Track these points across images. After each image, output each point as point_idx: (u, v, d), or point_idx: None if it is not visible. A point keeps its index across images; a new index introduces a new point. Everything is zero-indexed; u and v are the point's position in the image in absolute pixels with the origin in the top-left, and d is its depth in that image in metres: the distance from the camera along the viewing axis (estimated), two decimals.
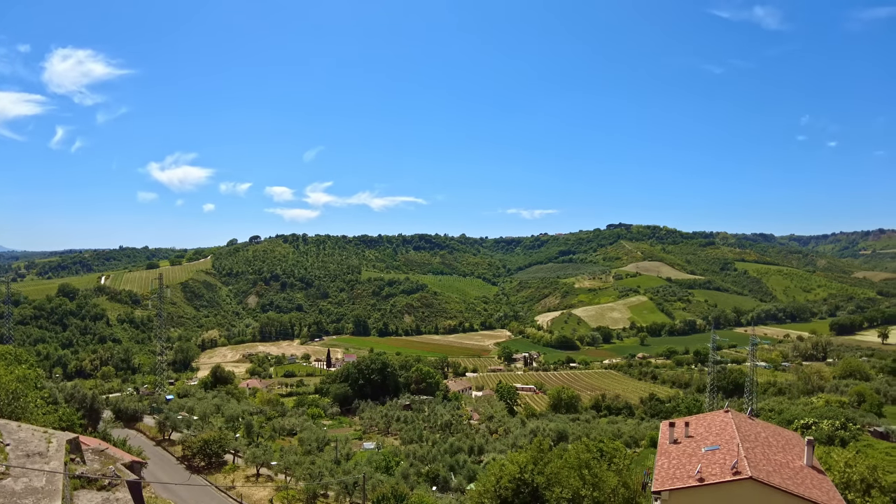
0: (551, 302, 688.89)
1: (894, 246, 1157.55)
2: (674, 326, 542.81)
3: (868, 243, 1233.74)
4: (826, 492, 41.99)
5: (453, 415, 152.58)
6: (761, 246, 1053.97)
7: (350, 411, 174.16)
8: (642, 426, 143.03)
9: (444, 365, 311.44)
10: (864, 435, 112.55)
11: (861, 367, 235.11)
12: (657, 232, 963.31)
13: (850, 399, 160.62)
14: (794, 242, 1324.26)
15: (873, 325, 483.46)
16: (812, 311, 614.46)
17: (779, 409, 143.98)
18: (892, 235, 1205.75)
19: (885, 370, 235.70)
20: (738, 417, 54.71)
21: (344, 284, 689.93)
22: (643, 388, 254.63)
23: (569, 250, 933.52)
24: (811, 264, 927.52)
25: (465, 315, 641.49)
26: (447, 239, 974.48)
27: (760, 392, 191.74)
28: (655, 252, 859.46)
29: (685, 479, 41.31)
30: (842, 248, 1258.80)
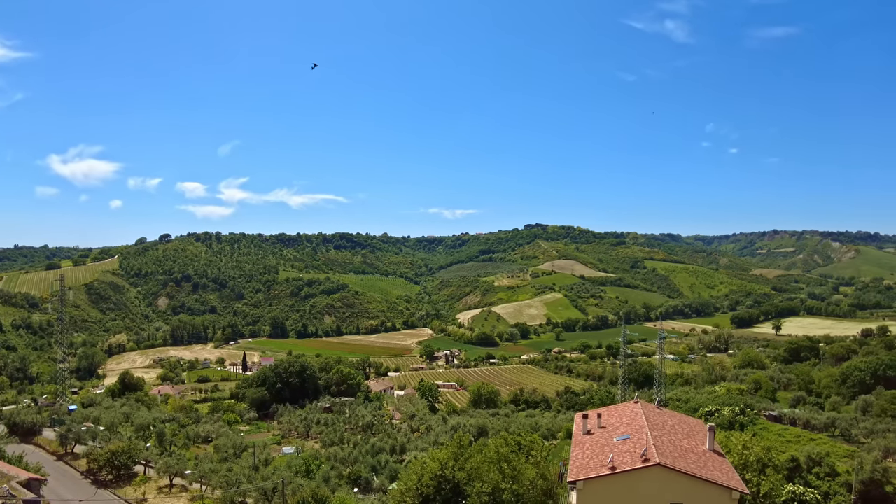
0: (472, 300, 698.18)
1: (786, 245, 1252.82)
2: (587, 322, 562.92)
3: (764, 243, 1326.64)
4: (725, 473, 45.24)
5: (375, 415, 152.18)
6: (669, 245, 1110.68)
7: (268, 416, 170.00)
8: (559, 418, 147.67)
9: (365, 365, 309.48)
10: (760, 419, 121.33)
11: (758, 357, 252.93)
12: (571, 232, 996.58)
13: (749, 386, 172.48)
14: (699, 242, 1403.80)
15: (768, 318, 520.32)
16: (715, 306, 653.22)
17: (685, 399, 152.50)
18: (785, 236, 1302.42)
19: (778, 359, 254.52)
20: (647, 408, 57.78)
21: (260, 285, 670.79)
22: (559, 382, 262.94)
23: (489, 249, 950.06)
24: (714, 263, 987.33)
25: (387, 315, 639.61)
26: (369, 238, 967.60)
27: (669, 383, 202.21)
28: (570, 251, 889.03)
29: (599, 468, 43.31)
30: (741, 247, 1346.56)
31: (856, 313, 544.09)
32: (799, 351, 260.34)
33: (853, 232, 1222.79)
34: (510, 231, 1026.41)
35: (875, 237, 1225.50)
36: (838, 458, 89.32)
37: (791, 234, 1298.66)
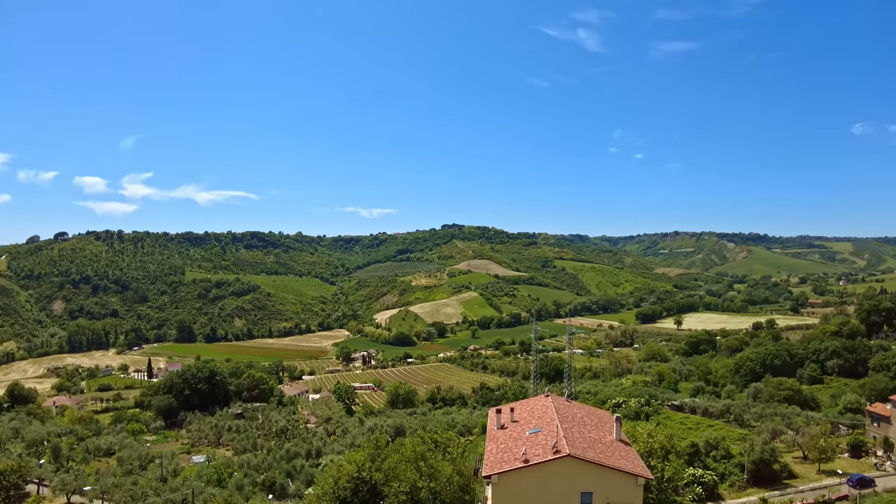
0: (389, 300, 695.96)
1: (686, 246, 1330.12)
2: (501, 319, 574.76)
3: (666, 243, 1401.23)
4: (631, 461, 47.72)
5: (289, 420, 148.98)
6: (577, 246, 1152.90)
7: (176, 424, 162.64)
8: (475, 414, 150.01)
9: (278, 369, 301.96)
10: (663, 408, 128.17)
11: (661, 351, 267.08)
12: (486, 232, 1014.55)
13: (653, 378, 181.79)
14: (606, 242, 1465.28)
15: (670, 313, 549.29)
16: (621, 302, 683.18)
17: (594, 391, 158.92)
18: (685, 237, 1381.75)
19: (679, 352, 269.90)
20: (558, 401, 59.95)
21: (166, 286, 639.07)
22: (475, 379, 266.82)
23: (406, 249, 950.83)
24: (620, 262, 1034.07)
25: (301, 316, 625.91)
26: (282, 237, 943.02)
27: (578, 376, 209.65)
28: (485, 251, 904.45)
29: (512, 461, 44.56)
30: (645, 247, 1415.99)
31: (748, 308, 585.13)
32: (698, 344, 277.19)
33: (745, 233, 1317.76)
34: (428, 231, 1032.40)
35: (764, 238, 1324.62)
36: (733, 441, 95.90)
37: (691, 235, 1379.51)
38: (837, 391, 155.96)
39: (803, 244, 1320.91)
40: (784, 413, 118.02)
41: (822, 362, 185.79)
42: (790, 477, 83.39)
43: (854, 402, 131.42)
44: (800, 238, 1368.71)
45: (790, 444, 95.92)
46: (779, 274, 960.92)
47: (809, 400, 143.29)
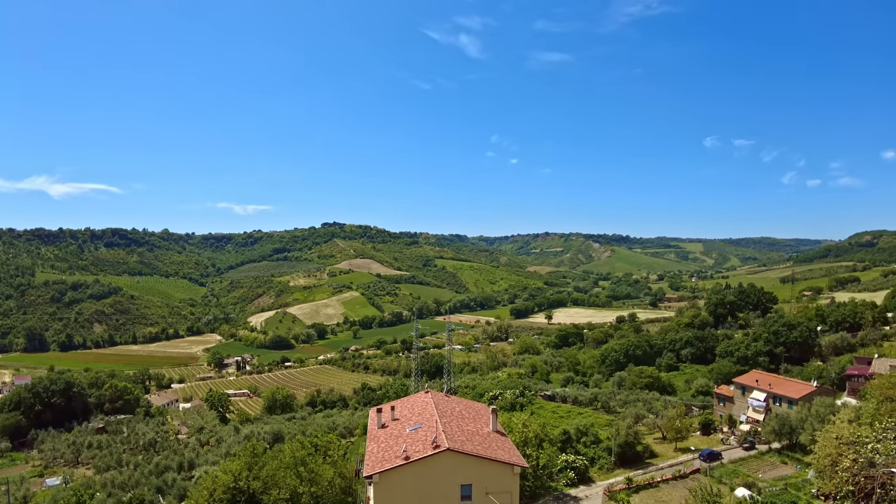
0: (265, 301, 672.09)
1: (556, 246, 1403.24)
2: (383, 319, 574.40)
3: (538, 243, 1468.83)
4: (508, 450, 49.65)
5: (158, 431, 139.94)
6: (457, 245, 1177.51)
7: (25, 445, 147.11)
8: (356, 415, 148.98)
9: (145, 378, 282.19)
10: (537, 399, 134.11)
11: (533, 344, 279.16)
12: (368, 231, 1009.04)
13: (526, 370, 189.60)
14: (483, 242, 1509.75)
15: (542, 309, 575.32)
16: (497, 299, 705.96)
17: (473, 385, 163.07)
18: (555, 237, 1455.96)
19: (550, 345, 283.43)
20: (437, 396, 61.09)
21: (12, 290, 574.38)
22: (356, 379, 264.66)
23: (284, 248, 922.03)
24: (496, 261, 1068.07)
25: (168, 320, 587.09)
26: (147, 235, 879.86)
27: (457, 371, 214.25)
28: (367, 250, 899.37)
29: (393, 459, 44.87)
30: (519, 247, 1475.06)
31: (612, 303, 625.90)
32: (567, 337, 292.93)
33: (610, 234, 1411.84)
34: (307, 229, 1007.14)
35: (626, 239, 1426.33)
36: (601, 426, 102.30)
37: (560, 235, 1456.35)
38: (690, 377, 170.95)
39: (661, 244, 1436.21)
40: (645, 399, 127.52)
41: (678, 351, 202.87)
42: (652, 456, 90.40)
43: (704, 386, 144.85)
44: (658, 239, 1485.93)
45: (651, 426, 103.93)
46: (639, 271, 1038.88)
47: (667, 385, 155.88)
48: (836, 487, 57.41)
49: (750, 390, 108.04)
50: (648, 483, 75.35)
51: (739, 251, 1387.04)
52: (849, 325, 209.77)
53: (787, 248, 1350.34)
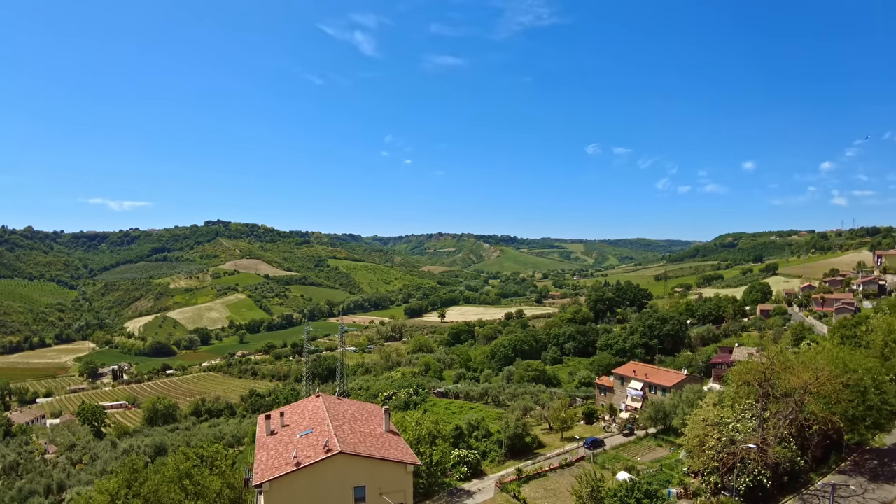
0: (144, 305, 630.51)
1: (449, 246, 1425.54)
2: (272, 322, 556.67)
3: (431, 243, 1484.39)
4: (401, 450, 49.88)
5: (21, 452, 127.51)
6: (350, 245, 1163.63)
7: None
8: (244, 423, 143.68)
9: (4, 393, 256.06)
10: (430, 396, 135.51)
11: (427, 343, 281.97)
12: (256, 230, 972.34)
13: (420, 369, 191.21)
14: (377, 242, 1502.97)
15: (435, 308, 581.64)
16: (391, 299, 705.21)
17: (366, 386, 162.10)
18: (448, 238, 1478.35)
19: (443, 343, 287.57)
20: (329, 400, 60.25)
21: None
22: (244, 386, 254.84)
23: (164, 248, 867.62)
24: (390, 261, 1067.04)
25: (33, 328, 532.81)
26: (7, 233, 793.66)
27: (351, 373, 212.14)
28: (254, 250, 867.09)
29: (284, 466, 43.78)
30: (413, 247, 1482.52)
31: (501, 301, 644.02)
32: (459, 334, 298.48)
33: (499, 235, 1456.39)
34: (189, 227, 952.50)
35: (514, 240, 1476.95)
36: (491, 420, 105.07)
37: (453, 236, 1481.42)
38: (574, 369, 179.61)
39: (545, 245, 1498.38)
40: (533, 391, 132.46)
41: (562, 345, 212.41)
42: (540, 447, 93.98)
43: (586, 378, 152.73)
44: (543, 240, 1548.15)
45: (539, 417, 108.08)
46: (526, 270, 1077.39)
47: (552, 378, 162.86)
48: (704, 465, 62.69)
49: (628, 380, 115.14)
50: (537, 473, 78.36)
51: (617, 251, 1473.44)
52: (714, 318, 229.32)
53: (660, 248, 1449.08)
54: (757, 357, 74.73)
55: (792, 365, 67.51)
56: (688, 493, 65.66)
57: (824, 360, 69.48)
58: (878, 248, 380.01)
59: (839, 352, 75.44)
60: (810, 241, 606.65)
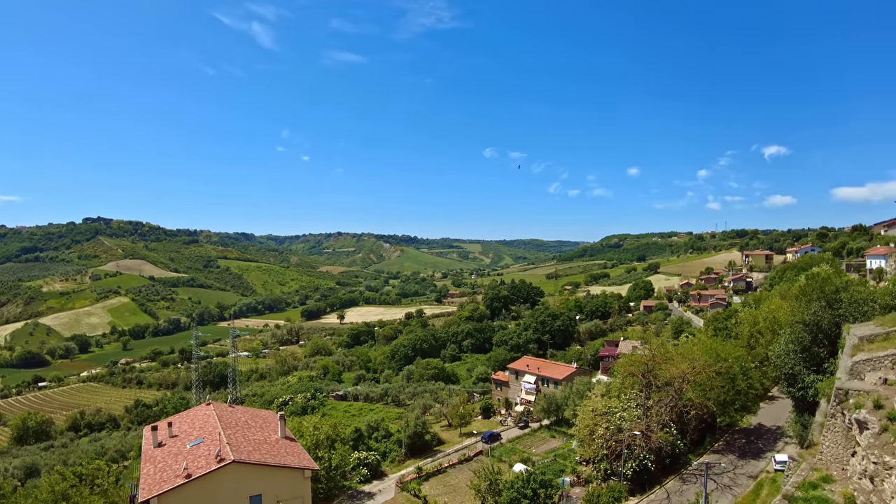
0: (12, 311, 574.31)
1: (348, 246, 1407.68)
2: (158, 327, 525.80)
3: (330, 243, 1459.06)
4: (298, 455, 48.86)
5: None
6: (243, 244, 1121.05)
7: None
8: (129, 436, 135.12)
9: None
10: (329, 400, 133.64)
11: (326, 345, 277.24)
12: (140, 228, 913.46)
13: (318, 372, 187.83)
14: (272, 241, 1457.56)
15: (334, 309, 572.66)
16: (287, 301, 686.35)
17: (261, 393, 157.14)
18: (347, 237, 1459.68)
19: (342, 344, 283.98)
20: (220, 408, 57.95)
21: None
22: (128, 396, 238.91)
23: (35, 247, 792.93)
24: (286, 261, 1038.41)
25: None
26: None
27: (244, 379, 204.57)
28: (138, 250, 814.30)
29: (173, 479, 41.64)
30: (310, 247, 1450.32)
31: (401, 301, 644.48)
32: (359, 335, 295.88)
33: (399, 235, 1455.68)
34: (65, 225, 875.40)
35: (414, 240, 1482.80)
36: (391, 420, 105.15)
37: (352, 235, 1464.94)
38: (472, 365, 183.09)
39: (445, 245, 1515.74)
40: (432, 389, 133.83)
41: (460, 342, 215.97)
42: (440, 444, 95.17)
43: (484, 373, 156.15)
44: (442, 240, 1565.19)
45: (438, 415, 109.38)
46: (426, 270, 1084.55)
47: (451, 375, 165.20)
48: (594, 452, 66.14)
49: (522, 374, 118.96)
50: (437, 470, 79.33)
51: (512, 251, 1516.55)
52: (601, 314, 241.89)
53: (551, 248, 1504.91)
54: (640, 350, 79.66)
55: (672, 356, 72.68)
56: (580, 480, 68.89)
57: (700, 351, 75.37)
58: (746, 248, 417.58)
59: (712, 343, 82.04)
60: (688, 241, 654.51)
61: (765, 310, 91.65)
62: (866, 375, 46.57)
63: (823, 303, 64.78)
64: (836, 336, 61.59)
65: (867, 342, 51.54)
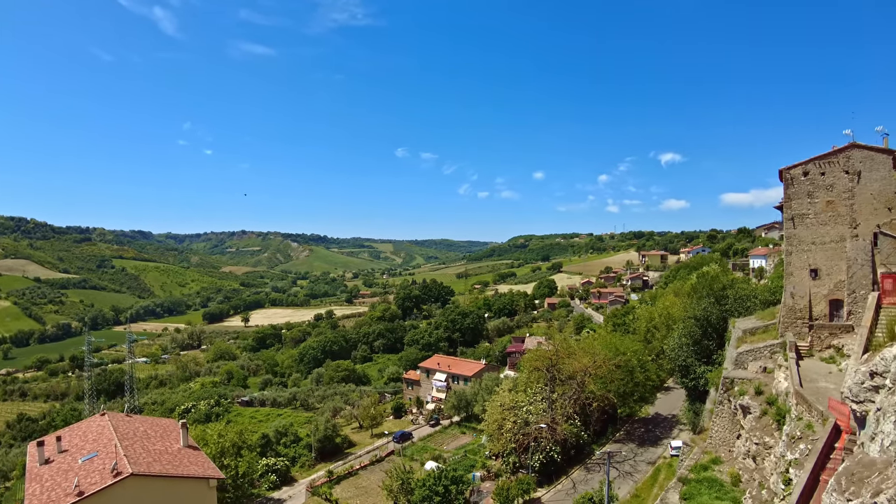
0: None
1: (254, 245, 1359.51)
2: (45, 332, 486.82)
3: (234, 242, 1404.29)
4: (202, 465, 46.96)
5: None
6: (140, 243, 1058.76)
7: None
8: (11, 454, 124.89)
9: None
10: (234, 406, 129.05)
11: (229, 349, 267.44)
12: (24, 225, 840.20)
13: (222, 378, 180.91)
14: (172, 240, 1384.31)
15: (238, 311, 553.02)
16: (188, 303, 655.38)
17: (161, 401, 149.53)
18: (252, 236, 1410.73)
19: (247, 348, 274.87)
20: (117, 418, 54.69)
21: None
22: (10, 410, 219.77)
23: None
24: (186, 261, 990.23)
25: None
26: None
27: (143, 387, 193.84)
28: (22, 248, 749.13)
29: (63, 498, 38.92)
30: (212, 246, 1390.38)
31: (310, 302, 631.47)
32: (265, 338, 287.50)
33: (308, 234, 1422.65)
34: None
35: (324, 239, 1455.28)
36: (300, 425, 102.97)
37: (258, 234, 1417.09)
38: (383, 366, 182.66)
39: (356, 245, 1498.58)
40: (342, 391, 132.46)
41: (371, 343, 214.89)
42: (351, 446, 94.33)
43: (395, 373, 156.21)
44: (353, 239, 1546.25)
45: (349, 417, 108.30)
46: (336, 270, 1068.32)
47: (362, 376, 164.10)
48: (503, 447, 67.80)
49: (433, 373, 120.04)
50: (349, 472, 78.63)
51: (424, 251, 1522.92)
52: (508, 312, 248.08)
53: (461, 248, 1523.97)
54: (545, 345, 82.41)
55: (574, 351, 75.78)
56: (490, 474, 70.40)
57: (600, 346, 79.04)
58: (642, 248, 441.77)
59: (612, 338, 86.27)
60: (589, 242, 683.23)
61: (660, 306, 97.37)
62: (749, 365, 50.58)
63: (712, 299, 69.63)
64: (723, 329, 66.38)
65: (749, 335, 56.04)
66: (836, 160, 47.71)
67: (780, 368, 44.44)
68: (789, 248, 50.55)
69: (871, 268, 45.01)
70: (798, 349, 45.79)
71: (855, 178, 46.67)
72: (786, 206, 50.53)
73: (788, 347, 45.13)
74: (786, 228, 51.44)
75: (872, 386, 24.91)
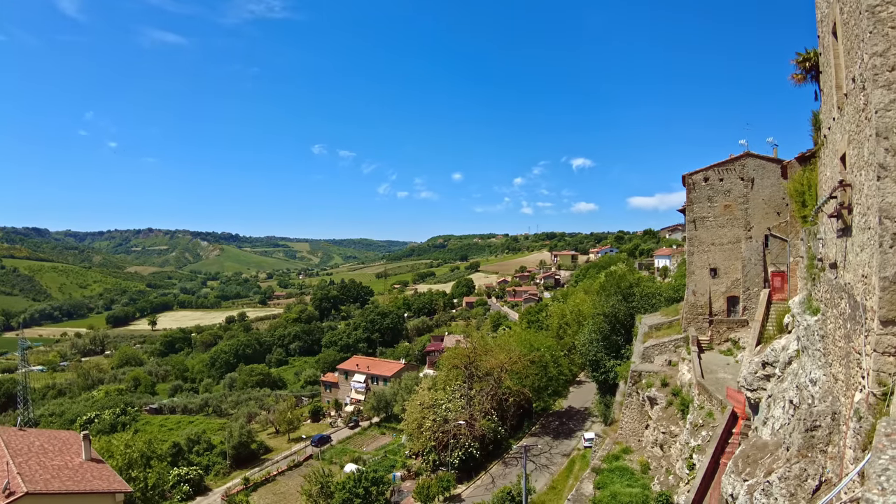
0: None
1: (161, 244, 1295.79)
2: None
3: (139, 240, 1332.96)
4: (107, 478, 44.62)
5: None
6: (35, 241, 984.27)
7: None
8: None
9: None
10: (142, 414, 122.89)
11: (136, 354, 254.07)
12: None
13: (128, 385, 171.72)
14: (71, 238, 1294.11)
15: (145, 314, 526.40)
16: (89, 306, 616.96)
17: (60, 412, 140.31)
18: (159, 234, 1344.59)
19: (155, 353, 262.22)
20: (8, 432, 50.98)
21: None
22: None
23: None
24: (88, 261, 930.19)
25: None
26: None
27: (39, 398, 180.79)
28: None
29: None
30: (116, 244, 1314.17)
31: (221, 303, 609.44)
32: (174, 343, 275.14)
33: (219, 232, 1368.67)
34: None
35: (236, 237, 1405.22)
36: (213, 432, 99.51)
37: (165, 232, 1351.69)
38: (300, 369, 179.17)
39: (270, 244, 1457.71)
40: (257, 396, 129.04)
41: (287, 346, 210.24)
42: (267, 452, 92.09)
43: (312, 376, 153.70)
44: (267, 238, 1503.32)
45: (264, 422, 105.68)
46: (249, 270, 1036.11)
47: (278, 380, 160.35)
48: (423, 445, 68.32)
49: (352, 374, 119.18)
50: (266, 479, 76.83)
51: (342, 250, 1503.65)
52: (427, 311, 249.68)
53: (381, 248, 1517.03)
54: (463, 343, 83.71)
55: (491, 348, 77.51)
56: (411, 473, 70.73)
57: (516, 342, 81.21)
58: (555, 249, 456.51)
59: (526, 335, 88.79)
60: (505, 242, 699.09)
61: (571, 304, 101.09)
62: (655, 358, 53.57)
63: (620, 297, 72.99)
64: (630, 325, 69.78)
65: (655, 330, 59.35)
66: (733, 167, 51.39)
67: (684, 361, 47.40)
68: (691, 248, 53.95)
69: (763, 267, 48.82)
70: (699, 343, 48.95)
71: (749, 185, 50.47)
72: (688, 209, 53.90)
73: (691, 341, 48.28)
74: (688, 230, 54.87)
75: (764, 375, 27.18)
